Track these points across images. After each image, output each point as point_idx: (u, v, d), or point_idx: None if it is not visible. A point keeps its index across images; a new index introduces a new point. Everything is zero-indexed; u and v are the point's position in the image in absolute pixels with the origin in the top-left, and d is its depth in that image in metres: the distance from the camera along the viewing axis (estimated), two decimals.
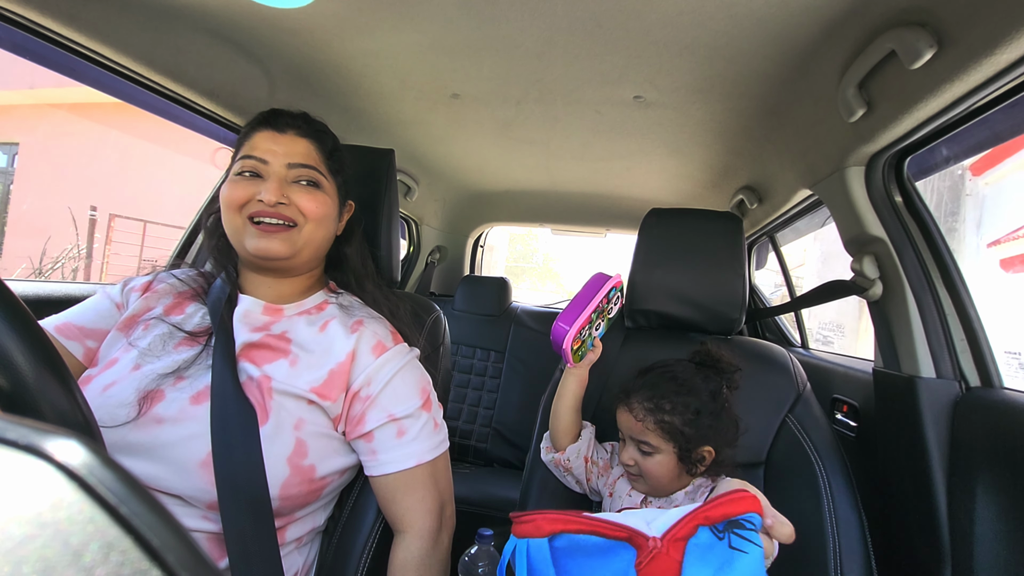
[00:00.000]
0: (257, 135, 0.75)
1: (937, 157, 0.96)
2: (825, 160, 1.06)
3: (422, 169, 1.95)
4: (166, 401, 0.64)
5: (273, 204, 0.70)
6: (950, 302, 0.95)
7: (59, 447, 0.17)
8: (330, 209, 0.77)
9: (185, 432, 0.63)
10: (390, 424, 0.72)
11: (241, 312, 0.73)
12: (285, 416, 0.66)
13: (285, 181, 0.73)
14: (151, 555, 0.16)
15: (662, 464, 0.80)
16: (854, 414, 1.19)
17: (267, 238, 0.71)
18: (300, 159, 0.74)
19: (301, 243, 0.74)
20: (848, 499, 0.83)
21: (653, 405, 0.80)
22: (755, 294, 2.00)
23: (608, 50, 1.00)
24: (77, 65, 0.92)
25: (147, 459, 0.61)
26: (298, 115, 0.79)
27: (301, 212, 0.73)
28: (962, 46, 0.66)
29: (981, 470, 0.82)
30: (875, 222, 1.00)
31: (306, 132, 0.77)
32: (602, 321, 0.93)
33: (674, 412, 0.80)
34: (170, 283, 0.80)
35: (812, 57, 0.93)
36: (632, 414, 0.82)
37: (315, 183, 0.75)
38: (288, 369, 0.70)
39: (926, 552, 0.89)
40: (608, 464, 0.93)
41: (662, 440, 0.80)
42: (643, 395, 0.82)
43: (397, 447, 0.72)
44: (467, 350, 2.16)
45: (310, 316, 0.77)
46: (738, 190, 1.64)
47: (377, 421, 0.71)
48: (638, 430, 0.81)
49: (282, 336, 0.73)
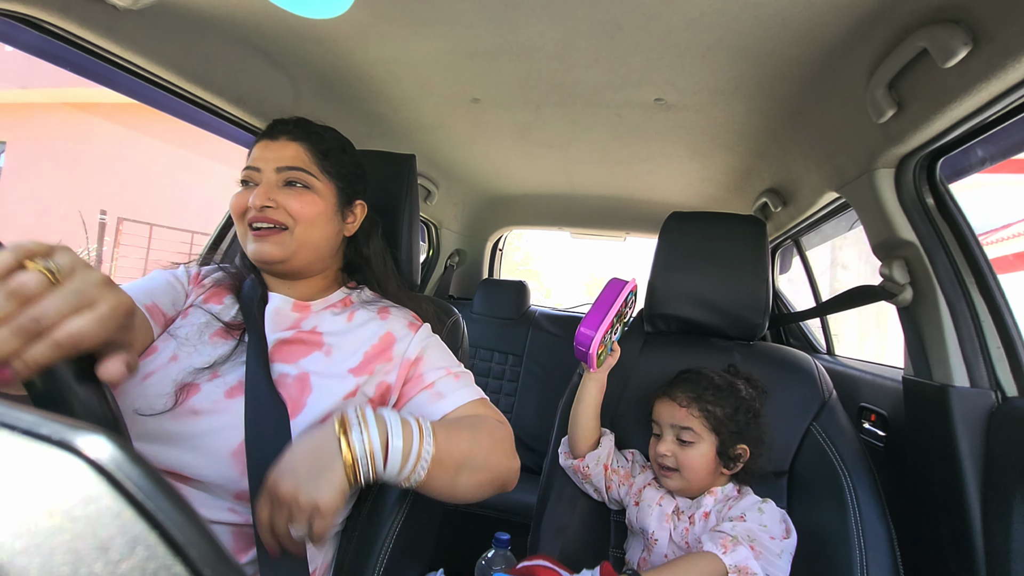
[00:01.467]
0: (256, 146, 0.79)
1: (972, 158, 0.93)
2: (853, 162, 1.04)
3: (442, 173, 1.97)
4: (201, 394, 0.67)
5: (260, 208, 0.73)
6: (985, 308, 0.91)
7: (89, 443, 0.17)
8: (322, 209, 0.78)
9: (219, 423, 0.65)
10: (448, 376, 0.77)
11: (272, 309, 0.76)
12: (322, 409, 0.69)
13: (275, 185, 0.76)
14: (175, 550, 0.16)
15: (702, 456, 0.81)
16: (882, 423, 1.16)
17: (261, 242, 0.75)
18: (288, 162, 0.76)
19: (295, 245, 0.76)
20: (876, 511, 0.80)
21: (696, 394, 0.83)
22: (779, 299, 1.96)
23: (628, 53, 0.99)
24: (112, 75, 0.95)
25: (182, 448, 0.64)
26: (292, 120, 0.81)
27: (290, 214, 0.75)
28: (999, 43, 0.64)
29: (1018, 483, 0.79)
30: (905, 225, 0.97)
31: (297, 136, 0.79)
32: (620, 326, 0.93)
33: (717, 404, 0.83)
34: (214, 276, 0.84)
35: (840, 57, 0.91)
36: (676, 402, 0.84)
37: (305, 184, 0.77)
38: (324, 360, 0.73)
39: (959, 568, 0.85)
40: (629, 473, 0.92)
41: (705, 429, 0.82)
42: (686, 387, 0.85)
43: (459, 387, 0.76)
44: (485, 353, 2.16)
45: (335, 309, 0.80)
46: (761, 193, 1.61)
47: (437, 375, 0.76)
48: (681, 417, 0.83)
49: (313, 331, 0.76)
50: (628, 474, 0.92)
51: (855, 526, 0.79)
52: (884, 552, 0.77)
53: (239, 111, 1.14)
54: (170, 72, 0.98)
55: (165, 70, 0.97)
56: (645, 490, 0.89)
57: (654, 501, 0.87)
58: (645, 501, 0.88)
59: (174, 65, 0.97)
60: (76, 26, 0.81)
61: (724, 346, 1.04)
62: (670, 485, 0.85)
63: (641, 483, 0.91)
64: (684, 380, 0.87)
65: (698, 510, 0.83)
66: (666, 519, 0.84)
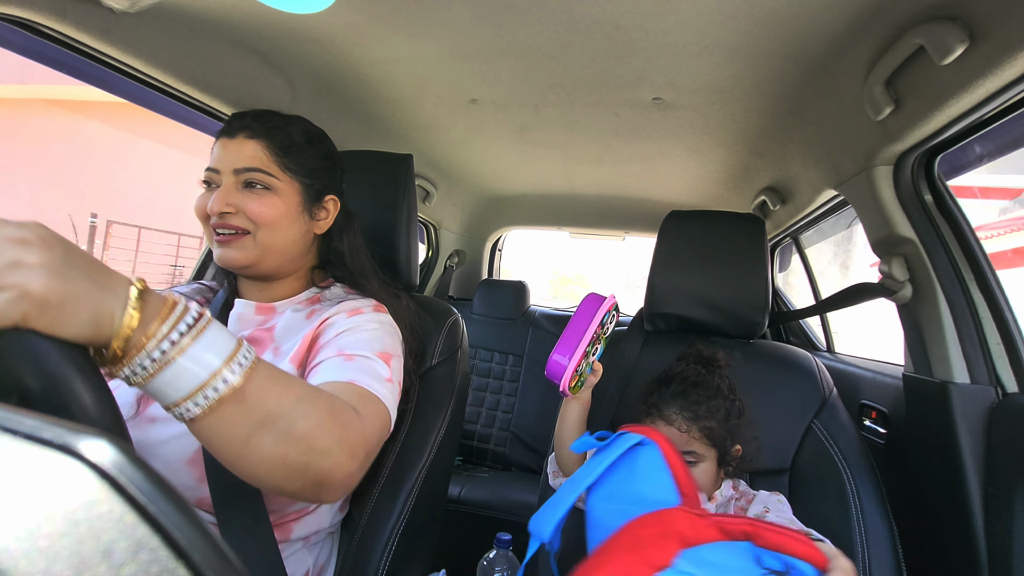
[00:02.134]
0: (216, 144, 0.75)
1: (970, 155, 0.93)
2: (851, 160, 1.04)
3: (440, 174, 1.97)
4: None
5: (219, 214, 0.71)
6: (985, 304, 0.91)
7: (91, 447, 0.17)
8: (283, 211, 0.74)
9: (175, 431, 0.65)
10: (339, 357, 0.66)
11: (236, 315, 0.76)
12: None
13: (233, 188, 0.72)
14: (178, 554, 0.16)
15: (706, 472, 0.79)
16: (883, 420, 1.16)
17: (225, 247, 0.72)
18: (245, 163, 0.72)
19: (259, 250, 0.73)
20: (878, 508, 0.80)
21: (692, 414, 0.79)
22: (778, 297, 1.96)
23: (626, 52, 1.00)
24: (109, 77, 0.95)
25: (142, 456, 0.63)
26: (251, 114, 0.76)
27: (250, 218, 0.72)
28: (995, 40, 0.64)
29: (1019, 479, 0.79)
30: (904, 222, 0.97)
31: (255, 132, 0.74)
32: (599, 344, 0.86)
33: (711, 417, 0.79)
34: (183, 293, 0.83)
35: (836, 55, 0.91)
36: (674, 426, 0.79)
37: (265, 186, 0.73)
38: (271, 357, 0.72)
39: (961, 565, 0.85)
40: None
41: (706, 447, 0.79)
42: (678, 405, 0.80)
43: (341, 368, 0.64)
44: (485, 354, 2.16)
45: (298, 306, 0.78)
46: (760, 191, 1.61)
47: (327, 354, 0.67)
48: (683, 441, 0.79)
49: (270, 329, 0.75)
50: None
51: (857, 523, 0.79)
52: (886, 549, 0.77)
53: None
54: (167, 74, 0.97)
55: (162, 72, 0.96)
56: None
57: None
58: None
59: (171, 67, 0.97)
60: (72, 29, 0.81)
61: (724, 344, 1.05)
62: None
63: None
64: (673, 395, 0.82)
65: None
66: None
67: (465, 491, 1.68)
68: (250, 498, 0.63)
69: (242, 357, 0.45)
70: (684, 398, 0.81)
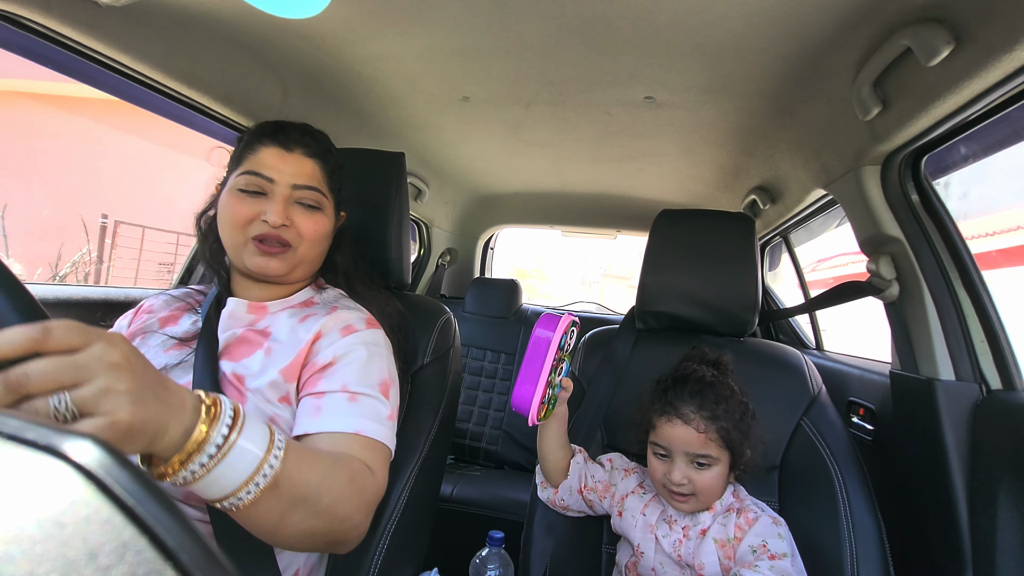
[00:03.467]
0: (264, 151, 0.74)
1: (956, 155, 0.95)
2: (840, 159, 1.05)
3: (432, 172, 1.96)
4: None
5: (278, 226, 0.71)
6: (969, 303, 0.93)
7: (77, 448, 0.17)
8: (328, 229, 0.79)
9: None
10: (342, 393, 0.67)
11: (227, 313, 0.75)
12: (259, 408, 0.68)
13: (289, 201, 0.74)
14: (166, 555, 0.16)
15: (719, 476, 0.76)
16: (871, 417, 1.17)
17: (267, 258, 0.73)
18: (306, 180, 0.75)
19: (296, 261, 0.75)
20: (865, 504, 0.81)
21: (711, 414, 0.75)
22: (768, 296, 1.98)
23: (618, 51, 1.00)
24: (96, 72, 0.94)
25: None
26: (305, 132, 0.78)
27: (300, 234, 0.74)
28: (980, 42, 0.65)
29: (1003, 475, 0.80)
30: (891, 222, 0.98)
31: (314, 152, 0.77)
32: (564, 363, 0.83)
33: (727, 419, 0.76)
34: (163, 300, 0.82)
35: (826, 55, 0.92)
36: (691, 426, 0.75)
37: (317, 204, 0.76)
38: (263, 359, 0.71)
39: (946, 559, 0.87)
40: (608, 484, 0.87)
41: (721, 450, 0.76)
42: (696, 404, 0.76)
43: (347, 413, 0.65)
44: (478, 352, 2.16)
45: (293, 310, 0.78)
46: (750, 191, 1.62)
47: (330, 386, 0.67)
48: (699, 443, 0.75)
49: (263, 331, 0.75)
50: (608, 486, 0.87)
51: (845, 519, 0.80)
52: (873, 544, 0.79)
53: (226, 109, 1.13)
54: (155, 70, 0.96)
55: (150, 68, 0.95)
56: (628, 499, 0.84)
57: (637, 511, 0.82)
58: (628, 511, 0.83)
59: (159, 63, 0.96)
60: (57, 23, 0.80)
61: (715, 343, 1.05)
62: (684, 509, 0.78)
63: (623, 491, 0.85)
64: (691, 393, 0.77)
65: (695, 526, 0.78)
66: (650, 528, 0.80)
67: (457, 489, 1.68)
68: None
69: (278, 443, 0.48)
70: (702, 397, 0.77)
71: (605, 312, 2.63)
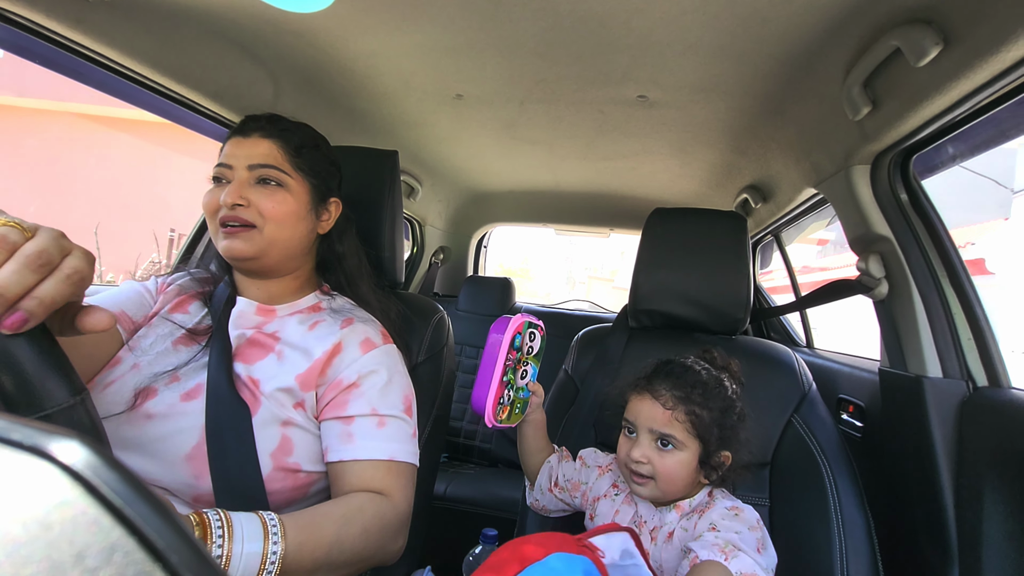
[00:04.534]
0: (228, 143, 0.77)
1: (943, 155, 0.96)
2: (830, 159, 1.06)
3: (426, 170, 1.95)
4: (158, 398, 0.66)
5: (231, 207, 0.72)
6: (957, 301, 0.94)
7: (63, 448, 0.17)
8: (294, 208, 0.77)
9: (173, 427, 0.65)
10: (371, 417, 0.71)
11: (236, 313, 0.76)
12: (274, 412, 0.68)
13: (247, 183, 0.74)
14: (155, 556, 0.16)
15: (682, 464, 0.71)
16: (860, 414, 1.19)
17: (231, 239, 0.73)
18: (259, 159, 0.75)
19: (264, 243, 0.75)
20: (854, 499, 0.82)
21: (683, 394, 0.71)
22: (760, 294, 1.99)
23: (611, 49, 1.00)
24: (83, 68, 0.92)
25: (137, 453, 0.64)
26: (264, 117, 0.79)
27: (261, 213, 0.74)
28: (968, 43, 0.66)
29: (989, 470, 0.82)
30: (880, 221, 0.99)
31: (269, 132, 0.77)
32: (528, 366, 0.83)
33: (705, 406, 0.71)
34: (180, 284, 0.82)
35: (816, 56, 0.92)
36: (659, 401, 0.72)
37: (278, 182, 0.76)
38: (276, 364, 0.72)
39: (933, 553, 0.88)
40: (578, 482, 0.84)
41: (688, 435, 0.70)
42: (671, 383, 0.73)
43: (376, 437, 0.70)
44: (471, 351, 2.16)
45: (302, 316, 0.79)
46: (742, 189, 1.63)
47: (359, 410, 0.71)
48: (663, 420, 0.71)
49: (272, 335, 0.75)
50: (577, 484, 0.84)
51: (835, 515, 0.81)
52: (862, 540, 0.79)
53: (216, 106, 1.12)
54: (144, 65, 0.95)
55: (138, 63, 0.94)
56: (600, 503, 0.80)
57: (609, 517, 0.78)
58: (600, 516, 0.80)
59: (148, 58, 0.94)
60: (43, 17, 0.79)
61: (707, 340, 1.06)
62: (641, 493, 0.73)
63: (596, 492, 0.81)
64: (668, 374, 0.74)
65: (662, 527, 0.73)
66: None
67: (451, 488, 1.68)
68: (254, 497, 0.64)
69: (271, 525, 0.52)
70: (681, 378, 0.73)
71: (598, 311, 2.63)
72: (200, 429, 0.65)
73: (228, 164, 0.75)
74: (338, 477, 0.68)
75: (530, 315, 0.82)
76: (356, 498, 0.65)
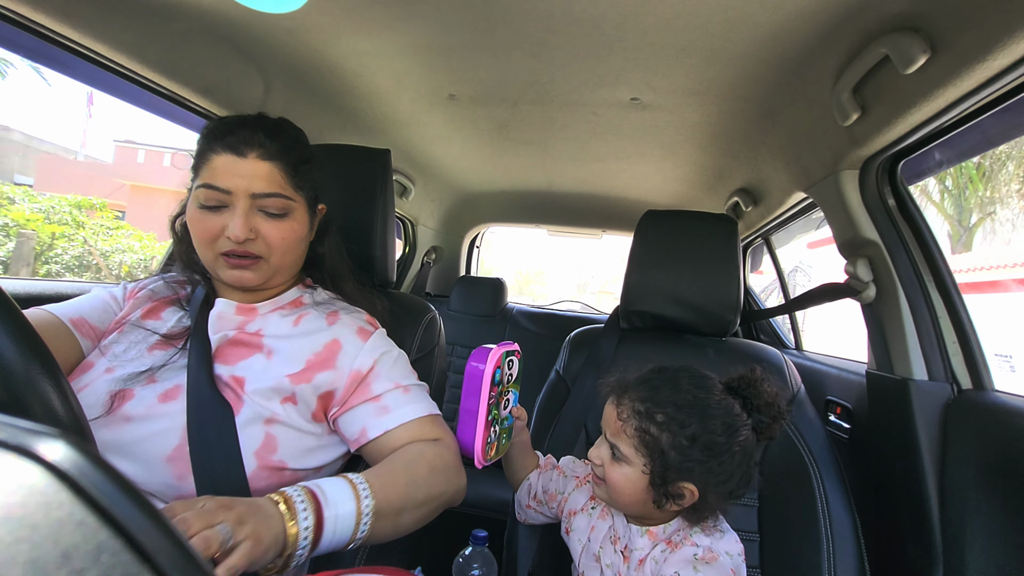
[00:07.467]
0: (217, 159, 0.69)
1: (930, 161, 0.97)
2: (819, 163, 1.07)
3: (418, 169, 1.95)
4: (135, 400, 0.65)
5: (242, 241, 0.69)
6: (942, 305, 0.95)
7: (50, 448, 0.16)
8: (300, 232, 0.76)
9: (152, 429, 0.64)
10: (397, 389, 0.75)
11: (216, 314, 0.74)
12: (257, 411, 0.67)
13: (252, 211, 0.70)
14: (142, 557, 0.16)
15: (627, 479, 0.66)
16: (847, 416, 1.20)
17: (240, 271, 0.72)
18: (264, 188, 0.70)
19: (271, 271, 0.74)
20: (841, 500, 0.83)
21: (644, 409, 0.66)
22: (750, 296, 2.01)
23: (605, 52, 1.00)
24: (70, 61, 0.91)
25: (116, 456, 0.63)
26: (257, 128, 0.71)
27: (267, 244, 0.72)
28: (955, 51, 0.67)
29: (973, 471, 0.83)
30: (869, 225, 1.00)
31: (268, 153, 0.71)
32: (510, 394, 0.82)
33: (664, 428, 0.64)
34: (152, 288, 0.81)
35: (807, 61, 0.94)
36: (617, 411, 0.68)
37: (283, 211, 0.72)
38: (264, 362, 0.71)
39: (918, 553, 0.89)
40: (555, 493, 0.82)
41: (634, 452, 0.66)
42: (638, 394, 0.67)
43: (408, 402, 0.74)
44: (463, 351, 2.16)
45: (284, 311, 0.78)
46: (733, 192, 1.65)
47: (384, 387, 0.74)
48: (614, 430, 0.68)
49: (256, 333, 0.74)
50: (554, 495, 0.82)
51: (823, 515, 0.82)
52: (849, 540, 0.80)
53: (206, 102, 1.11)
54: (131, 60, 0.94)
55: (126, 57, 0.93)
56: (576, 517, 0.79)
57: (585, 533, 0.76)
58: (576, 532, 0.78)
59: (136, 52, 0.93)
60: (28, 9, 0.77)
61: (698, 342, 1.07)
62: (597, 493, 0.73)
63: (572, 506, 0.80)
64: (646, 383, 0.69)
65: (634, 551, 0.70)
66: (595, 558, 0.73)
67: None
68: (237, 494, 0.63)
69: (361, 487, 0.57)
70: (653, 392, 0.67)
71: (590, 312, 2.64)
72: (180, 430, 0.64)
73: (227, 189, 0.69)
74: (384, 448, 0.71)
75: (506, 343, 0.80)
76: (413, 446, 0.69)
